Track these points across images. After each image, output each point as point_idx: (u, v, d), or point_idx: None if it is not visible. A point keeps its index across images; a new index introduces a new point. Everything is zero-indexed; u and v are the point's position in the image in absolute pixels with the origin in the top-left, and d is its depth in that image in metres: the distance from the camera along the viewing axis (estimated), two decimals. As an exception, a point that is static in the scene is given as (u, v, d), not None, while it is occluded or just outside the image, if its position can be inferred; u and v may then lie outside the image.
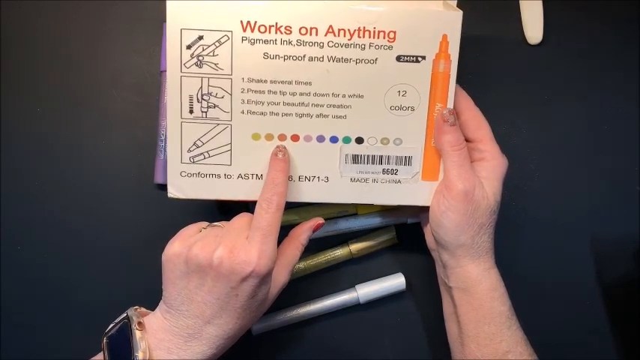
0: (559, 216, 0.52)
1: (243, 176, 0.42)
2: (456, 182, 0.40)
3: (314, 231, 0.44)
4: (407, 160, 0.42)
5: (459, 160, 0.41)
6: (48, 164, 0.51)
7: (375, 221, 0.50)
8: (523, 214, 0.52)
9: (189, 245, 0.38)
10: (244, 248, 0.37)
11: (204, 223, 0.41)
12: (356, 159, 0.42)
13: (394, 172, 0.43)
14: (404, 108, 0.41)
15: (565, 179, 0.53)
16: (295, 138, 0.42)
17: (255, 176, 0.42)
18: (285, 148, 0.41)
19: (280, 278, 0.41)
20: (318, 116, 0.41)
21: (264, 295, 0.39)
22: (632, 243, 0.52)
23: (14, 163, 0.50)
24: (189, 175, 0.42)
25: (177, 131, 0.41)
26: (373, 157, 0.42)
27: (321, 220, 0.44)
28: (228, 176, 0.42)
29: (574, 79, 0.53)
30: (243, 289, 0.38)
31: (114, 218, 0.51)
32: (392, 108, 0.41)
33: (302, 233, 0.43)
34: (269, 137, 0.41)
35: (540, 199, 0.52)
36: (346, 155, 0.42)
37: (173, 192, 0.42)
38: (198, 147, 0.41)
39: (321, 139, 0.42)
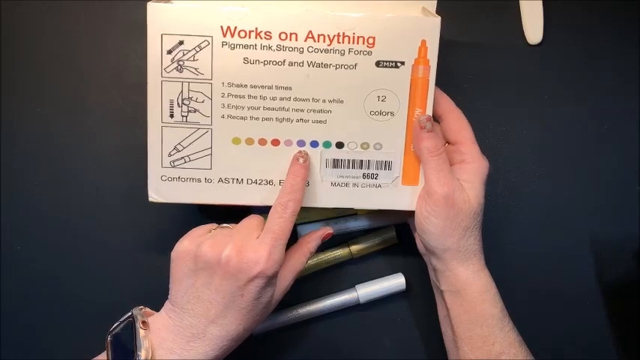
0: (559, 216, 0.52)
1: (223, 180, 0.42)
2: (436, 187, 0.40)
3: (323, 240, 0.44)
4: (387, 165, 0.43)
5: (437, 165, 0.41)
6: (48, 164, 0.51)
7: (375, 221, 0.50)
8: (523, 214, 0.52)
9: (198, 244, 0.39)
10: (253, 248, 0.38)
11: (214, 225, 0.42)
12: (336, 163, 0.42)
13: (374, 176, 0.43)
14: (384, 113, 0.42)
15: (565, 179, 0.52)
16: (276, 142, 0.42)
17: (235, 180, 0.42)
18: (307, 154, 0.42)
19: (285, 282, 0.41)
20: (298, 121, 0.41)
21: (269, 298, 0.39)
22: (632, 243, 0.52)
23: (14, 163, 0.51)
24: (170, 179, 0.42)
25: (158, 135, 0.42)
26: (353, 161, 0.42)
27: (330, 230, 0.45)
28: (209, 180, 0.42)
29: (574, 79, 0.53)
30: (249, 290, 0.38)
31: (115, 218, 0.51)
32: (372, 113, 0.41)
33: (311, 241, 0.44)
34: (249, 141, 0.42)
35: (540, 199, 0.52)
36: (327, 160, 0.42)
37: (154, 196, 0.43)
38: (178, 151, 0.42)
39: (301, 143, 0.42)
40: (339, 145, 0.42)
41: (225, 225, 0.42)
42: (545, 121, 0.53)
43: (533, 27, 0.52)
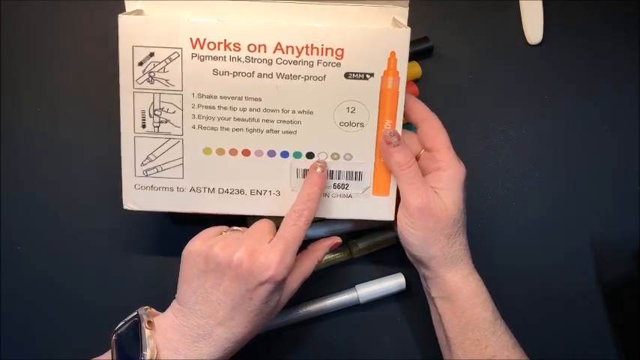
0: (559, 216, 0.52)
1: (195, 189, 0.43)
2: (410, 200, 0.41)
3: (331, 249, 0.45)
4: (357, 175, 0.43)
5: (408, 178, 0.41)
6: (48, 164, 0.51)
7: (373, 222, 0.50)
8: (523, 214, 0.52)
9: (210, 244, 0.39)
10: (265, 252, 0.38)
11: (225, 227, 0.42)
12: (307, 174, 0.42)
13: (345, 186, 0.43)
14: (353, 124, 0.41)
15: (565, 179, 0.52)
16: (246, 153, 0.42)
17: (206, 189, 0.43)
18: (325, 163, 0.42)
19: (292, 287, 0.41)
20: (268, 131, 0.42)
21: (276, 302, 0.40)
22: (632, 243, 0.52)
23: (14, 163, 0.51)
24: (143, 188, 0.43)
25: (131, 145, 0.42)
26: None
27: (338, 240, 0.45)
28: (181, 189, 0.43)
29: (574, 79, 0.53)
30: (258, 293, 0.38)
31: (114, 218, 0.51)
32: (341, 124, 0.41)
33: (320, 249, 0.44)
34: (220, 152, 0.42)
35: (540, 199, 0.52)
36: (297, 170, 0.42)
37: (128, 204, 0.43)
38: (151, 161, 0.42)
39: (272, 153, 0.42)
40: (310, 155, 0.42)
41: (236, 228, 0.42)
42: (545, 121, 0.53)
43: (533, 27, 0.52)
